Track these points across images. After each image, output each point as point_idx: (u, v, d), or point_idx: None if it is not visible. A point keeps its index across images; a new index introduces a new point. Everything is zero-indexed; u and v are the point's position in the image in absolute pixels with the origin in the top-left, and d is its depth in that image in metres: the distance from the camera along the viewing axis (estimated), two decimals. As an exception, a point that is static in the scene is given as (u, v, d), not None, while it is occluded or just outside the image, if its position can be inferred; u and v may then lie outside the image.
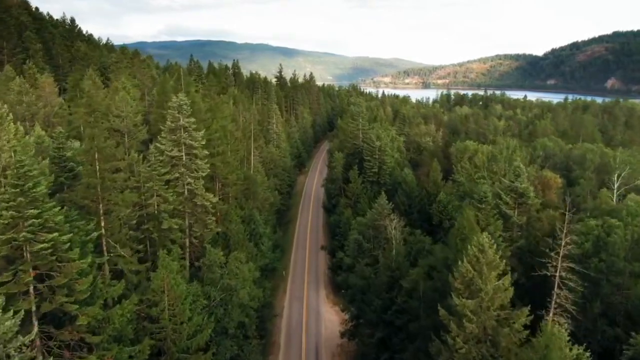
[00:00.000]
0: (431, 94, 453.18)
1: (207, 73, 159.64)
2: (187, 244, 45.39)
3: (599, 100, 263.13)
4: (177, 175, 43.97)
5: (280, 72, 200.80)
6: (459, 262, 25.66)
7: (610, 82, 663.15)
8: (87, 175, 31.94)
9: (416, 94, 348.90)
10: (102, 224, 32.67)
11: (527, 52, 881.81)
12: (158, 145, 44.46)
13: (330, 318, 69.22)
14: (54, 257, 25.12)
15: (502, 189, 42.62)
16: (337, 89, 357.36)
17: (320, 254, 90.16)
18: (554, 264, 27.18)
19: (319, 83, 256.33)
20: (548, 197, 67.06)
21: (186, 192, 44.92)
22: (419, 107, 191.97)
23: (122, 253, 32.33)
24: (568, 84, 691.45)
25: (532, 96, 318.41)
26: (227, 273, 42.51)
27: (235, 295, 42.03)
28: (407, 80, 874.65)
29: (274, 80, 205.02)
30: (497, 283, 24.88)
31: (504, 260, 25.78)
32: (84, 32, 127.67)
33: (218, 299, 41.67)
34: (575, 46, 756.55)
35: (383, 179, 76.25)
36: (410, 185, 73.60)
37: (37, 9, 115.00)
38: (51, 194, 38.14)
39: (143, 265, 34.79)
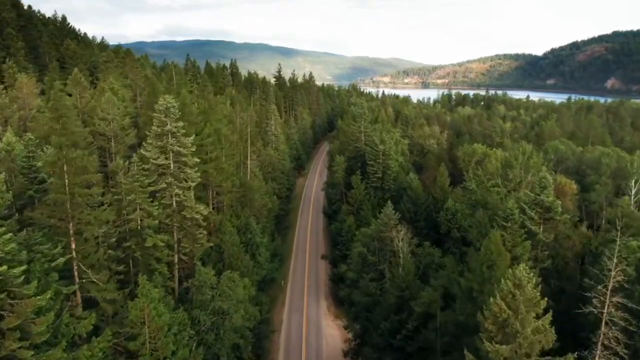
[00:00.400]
0: (430, 94, 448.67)
1: (203, 73, 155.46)
2: (176, 260, 41.02)
3: (601, 100, 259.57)
4: (164, 185, 39.60)
5: (279, 72, 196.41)
6: (490, 299, 21.37)
7: (610, 82, 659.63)
8: (55, 190, 27.57)
9: (416, 94, 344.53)
10: (73, 246, 28.30)
11: (527, 52, 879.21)
12: (143, 152, 40.09)
13: (332, 333, 64.88)
14: (3, 294, 20.76)
15: (527, 202, 38.27)
16: (336, 88, 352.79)
17: (321, 262, 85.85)
18: (599, 297, 22.82)
19: (318, 83, 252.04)
20: (563, 205, 62.88)
21: (174, 204, 40.54)
22: (421, 108, 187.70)
23: (95, 279, 27.93)
24: (568, 84, 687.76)
25: (532, 96, 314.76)
26: (218, 294, 38.12)
27: (228, 320, 37.67)
28: (406, 80, 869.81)
29: (272, 80, 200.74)
30: (536, 324, 20.67)
31: (544, 297, 21.44)
32: (77, 30, 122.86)
33: (209, 323, 37.34)
34: (575, 46, 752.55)
35: (387, 185, 71.94)
36: (416, 192, 69.30)
37: (29, 7, 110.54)
38: (19, 209, 33.81)
39: (120, 292, 30.37)
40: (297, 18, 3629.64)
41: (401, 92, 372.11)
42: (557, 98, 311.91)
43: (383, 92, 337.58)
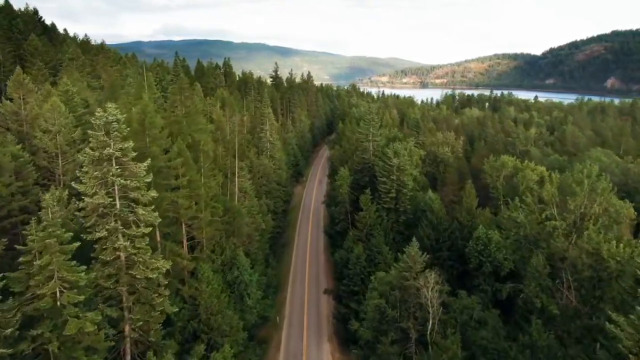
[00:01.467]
0: (429, 94, 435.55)
1: (194, 73, 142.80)
2: (127, 340, 28.68)
3: (606, 100, 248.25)
4: (104, 233, 27.27)
5: (275, 71, 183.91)
6: None
7: (610, 82, 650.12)
8: None
9: (415, 94, 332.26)
10: None
11: (526, 51, 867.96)
12: (75, 185, 27.72)
13: (337, 389, 53.09)
14: None
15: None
16: (335, 88, 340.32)
17: (322, 291, 73.75)
18: None
19: (316, 83, 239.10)
20: (619, 233, 50.84)
21: (122, 259, 28.24)
22: (426, 110, 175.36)
23: None
24: (567, 84, 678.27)
25: (532, 96, 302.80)
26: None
27: None
28: (404, 80, 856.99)
29: (269, 80, 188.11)
30: None
31: None
32: (50, 25, 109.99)
33: None
34: (574, 45, 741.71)
35: (402, 206, 59.70)
36: (438, 215, 57.13)
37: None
38: None
39: None
40: (295, 18, 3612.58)
41: (400, 92, 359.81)
42: (558, 98, 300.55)
43: (383, 92, 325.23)
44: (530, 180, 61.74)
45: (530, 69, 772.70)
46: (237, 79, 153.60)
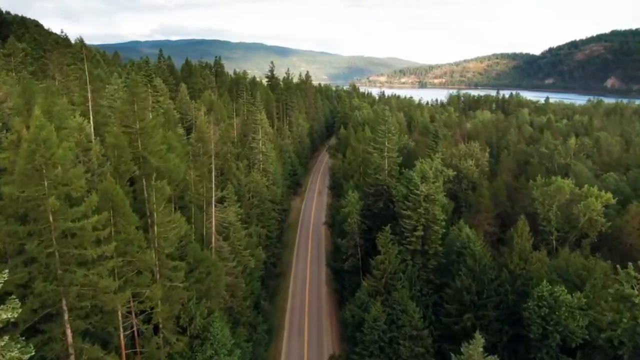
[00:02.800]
0: (428, 94, 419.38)
1: (181, 72, 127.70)
2: None
3: (611, 100, 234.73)
4: None
5: (271, 71, 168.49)
6: None
7: (610, 82, 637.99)
8: None
9: (414, 94, 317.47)
10: None
11: (524, 51, 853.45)
12: None
13: None
14: None
15: None
16: (334, 89, 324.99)
17: (326, 343, 59.07)
18: None
19: (314, 83, 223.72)
20: None
21: None
22: (433, 112, 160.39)
23: None
24: (567, 84, 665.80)
25: (532, 96, 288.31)
26: None
27: None
28: (403, 80, 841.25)
29: (264, 81, 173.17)
30: None
31: None
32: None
33: None
34: (573, 45, 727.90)
35: (432, 247, 45.00)
36: (480, 260, 42.53)
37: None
38: None
39: None
40: (293, 17, 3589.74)
41: (398, 92, 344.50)
42: (558, 98, 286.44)
43: (383, 93, 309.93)
44: (594, 210, 47.16)
45: (530, 69, 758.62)
46: (229, 79, 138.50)
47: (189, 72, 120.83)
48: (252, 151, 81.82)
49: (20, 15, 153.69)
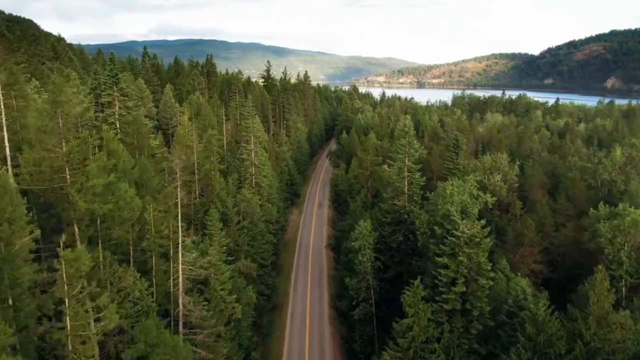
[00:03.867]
0: (427, 94, 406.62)
1: (167, 73, 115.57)
2: None
3: (629, 102, 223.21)
4: None
5: (268, 71, 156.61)
6: None
7: (610, 82, 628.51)
8: None
9: (412, 94, 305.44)
10: None
11: (523, 51, 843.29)
12: None
13: None
14: None
15: None
16: (332, 89, 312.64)
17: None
18: None
19: (312, 83, 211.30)
20: None
21: None
22: (440, 114, 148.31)
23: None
24: (566, 84, 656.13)
25: (532, 96, 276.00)
26: None
27: None
28: (401, 80, 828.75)
29: (260, 81, 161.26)
30: None
31: None
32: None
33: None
34: (572, 45, 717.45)
35: (476, 306, 33.27)
36: (543, 328, 30.91)
37: None
38: None
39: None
40: (290, 17, 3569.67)
41: (397, 92, 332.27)
42: (556, 98, 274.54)
43: (384, 93, 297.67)
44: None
45: (529, 69, 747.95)
46: (221, 79, 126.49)
47: (177, 73, 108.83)
48: (242, 163, 69.88)
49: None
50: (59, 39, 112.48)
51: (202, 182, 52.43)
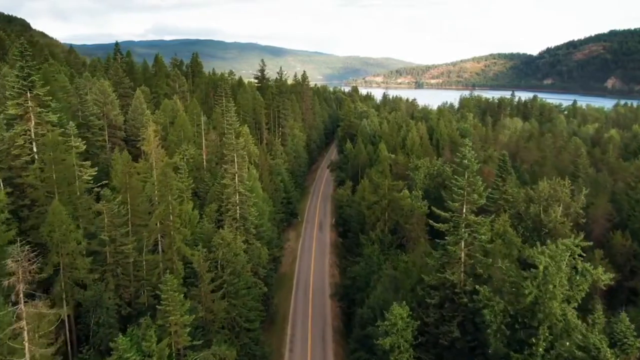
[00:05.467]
0: (425, 94, 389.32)
1: (143, 74, 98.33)
2: None
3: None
4: None
5: (262, 71, 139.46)
6: None
7: (610, 82, 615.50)
8: None
9: (411, 94, 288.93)
10: None
11: (521, 51, 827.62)
12: None
13: None
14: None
15: None
16: (331, 89, 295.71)
17: None
18: None
19: (310, 84, 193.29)
20: None
21: None
22: (451, 118, 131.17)
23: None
24: (566, 84, 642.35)
25: (530, 96, 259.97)
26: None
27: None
28: (399, 80, 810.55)
29: (254, 81, 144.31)
30: None
31: None
32: None
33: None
34: (571, 45, 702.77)
35: None
36: None
37: None
38: None
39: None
40: (287, 17, 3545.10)
41: (396, 93, 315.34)
42: (559, 99, 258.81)
43: (384, 94, 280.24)
44: None
45: (527, 69, 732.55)
46: (207, 80, 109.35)
47: (154, 74, 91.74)
48: (224, 190, 53.07)
49: None
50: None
51: (159, 230, 35.83)
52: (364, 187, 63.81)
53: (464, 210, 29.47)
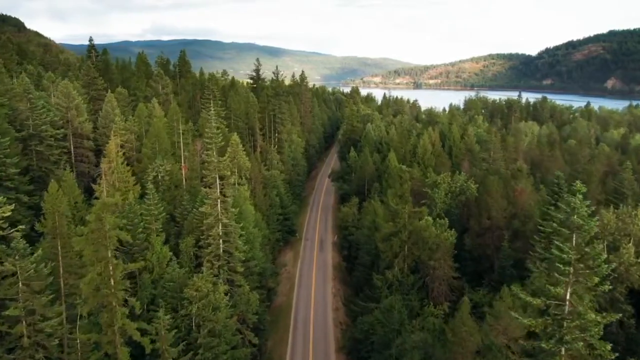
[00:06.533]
0: (424, 95, 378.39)
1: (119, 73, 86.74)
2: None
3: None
4: None
5: (257, 70, 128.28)
6: None
7: (610, 82, 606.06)
8: None
9: (409, 95, 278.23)
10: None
11: (520, 51, 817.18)
12: None
13: None
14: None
15: None
16: (329, 90, 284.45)
17: None
18: None
19: (309, 84, 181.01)
20: None
21: None
22: (462, 124, 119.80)
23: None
24: (566, 84, 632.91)
25: (530, 97, 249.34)
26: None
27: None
28: (397, 80, 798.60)
29: (248, 82, 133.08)
30: None
31: None
32: None
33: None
34: (570, 45, 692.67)
35: None
36: None
37: None
38: None
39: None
40: (285, 17, 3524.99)
41: (395, 93, 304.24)
42: (560, 99, 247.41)
43: (385, 95, 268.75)
44: None
45: (526, 70, 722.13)
46: (193, 81, 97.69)
47: (131, 73, 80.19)
48: (203, 220, 41.77)
49: None
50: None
51: (94, 302, 24.63)
52: (375, 210, 52.57)
53: (570, 298, 18.16)
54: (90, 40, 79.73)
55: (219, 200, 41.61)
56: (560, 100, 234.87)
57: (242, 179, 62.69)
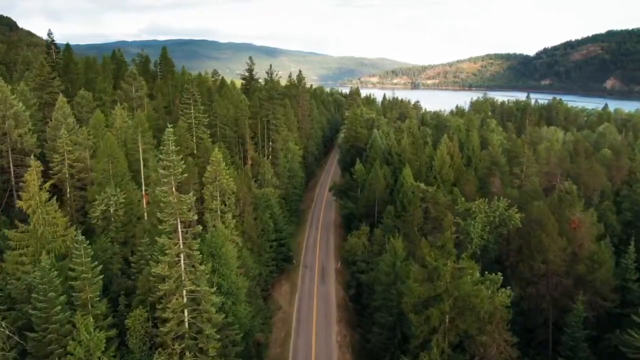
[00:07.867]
0: (422, 95, 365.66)
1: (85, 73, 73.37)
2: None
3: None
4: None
5: (250, 70, 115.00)
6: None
7: (609, 82, 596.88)
8: None
9: (408, 95, 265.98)
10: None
11: (518, 51, 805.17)
12: None
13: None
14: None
15: None
16: (328, 90, 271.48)
17: None
18: None
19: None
20: None
21: None
22: (478, 129, 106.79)
23: None
24: (564, 84, 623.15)
25: (531, 97, 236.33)
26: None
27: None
28: (395, 81, 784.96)
29: (240, 82, 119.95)
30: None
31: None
32: None
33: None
34: (569, 45, 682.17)
35: None
36: None
37: None
38: None
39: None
40: (282, 17, 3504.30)
41: (392, 94, 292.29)
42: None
43: (385, 96, 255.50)
44: None
45: (525, 70, 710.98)
46: (172, 83, 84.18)
47: (97, 73, 66.82)
48: (159, 286, 28.68)
49: None
50: None
51: None
52: (396, 251, 39.46)
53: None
54: (50, 34, 66.28)
55: (182, 256, 28.49)
56: (562, 100, 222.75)
57: (225, 205, 49.63)
